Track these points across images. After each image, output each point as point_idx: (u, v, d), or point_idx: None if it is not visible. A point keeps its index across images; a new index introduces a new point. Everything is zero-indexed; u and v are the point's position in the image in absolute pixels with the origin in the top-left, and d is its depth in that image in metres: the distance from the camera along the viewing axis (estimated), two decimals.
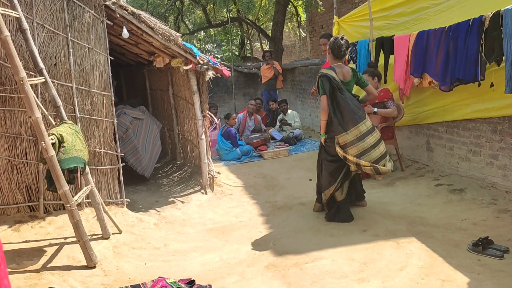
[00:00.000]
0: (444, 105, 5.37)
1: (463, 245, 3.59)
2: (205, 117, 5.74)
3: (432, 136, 5.77)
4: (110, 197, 4.79)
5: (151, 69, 7.48)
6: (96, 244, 3.93)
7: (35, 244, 3.95)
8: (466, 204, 4.52)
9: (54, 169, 3.43)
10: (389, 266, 3.38)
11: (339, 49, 4.34)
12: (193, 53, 5.28)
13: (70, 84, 4.43)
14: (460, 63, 4.66)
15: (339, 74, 4.31)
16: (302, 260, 3.58)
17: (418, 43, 5.29)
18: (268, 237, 4.16)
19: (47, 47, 4.31)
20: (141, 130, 6.23)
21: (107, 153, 4.74)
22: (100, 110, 4.66)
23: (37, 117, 3.34)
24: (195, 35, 18.51)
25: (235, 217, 4.84)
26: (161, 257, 3.84)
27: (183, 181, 6.26)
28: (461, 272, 3.18)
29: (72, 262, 3.67)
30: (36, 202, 4.45)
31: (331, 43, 4.39)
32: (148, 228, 4.51)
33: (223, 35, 18.50)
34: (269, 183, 6.02)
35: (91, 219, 4.41)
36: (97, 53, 4.59)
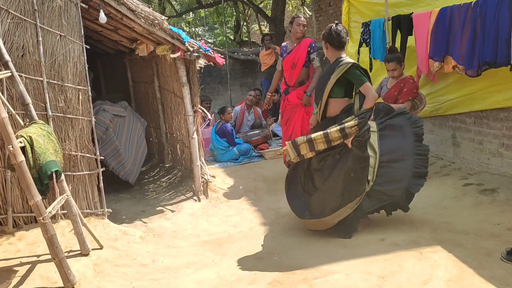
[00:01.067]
0: (471, 92, 5.38)
1: (496, 253, 3.60)
2: (196, 112, 5.75)
3: (458, 128, 5.78)
4: (89, 207, 4.80)
5: (133, 59, 7.49)
6: (74, 261, 3.95)
7: (4, 264, 3.96)
8: (499, 206, 4.53)
9: (24, 177, 3.43)
10: (411, 279, 3.39)
11: (339, 36, 4.21)
12: (181, 39, 5.28)
13: (40, 78, 4.44)
14: (489, 44, 4.66)
15: None
16: (311, 275, 3.59)
17: (440, 21, 5.30)
18: (271, 250, 4.18)
19: (12, 36, 4.31)
20: (123, 129, 6.24)
21: (85, 157, 4.75)
22: (76, 107, 4.67)
23: (2, 117, 3.35)
24: (183, 17, 18.54)
25: (233, 227, 4.85)
26: (149, 275, 3.86)
27: (173, 187, 6.28)
28: (494, 284, 3.19)
29: (46, 283, 3.68)
30: (3, 215, 4.46)
31: (326, 33, 4.27)
32: (133, 242, 4.52)
33: (216, 17, 18.51)
34: (271, 187, 6.03)
35: (67, 233, 4.43)
36: (70, 41, 4.59)
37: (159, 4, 16.97)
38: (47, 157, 3.68)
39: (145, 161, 6.89)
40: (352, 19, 7.50)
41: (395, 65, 5.50)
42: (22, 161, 3.43)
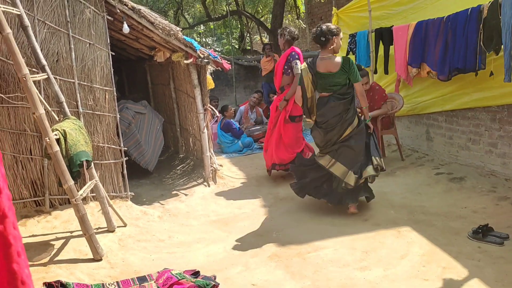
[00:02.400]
0: (443, 94, 5.35)
1: (463, 232, 3.59)
2: (206, 110, 5.73)
3: (431, 125, 5.76)
4: (115, 191, 4.80)
5: (152, 64, 7.46)
6: (101, 237, 3.95)
7: (42, 238, 3.97)
8: (466, 192, 4.52)
9: (59, 164, 3.43)
10: (390, 254, 3.39)
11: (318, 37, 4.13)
12: (194, 47, 5.25)
13: (72, 80, 4.42)
14: (459, 53, 4.63)
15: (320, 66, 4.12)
16: (304, 250, 3.59)
17: (417, 33, 5.26)
18: (270, 228, 4.17)
19: (48, 44, 4.29)
20: (143, 124, 6.22)
21: (111, 148, 4.74)
22: (103, 105, 4.65)
23: (40, 113, 3.34)
24: (195, 29, 18.45)
25: (237, 208, 4.85)
26: (165, 249, 3.86)
27: (186, 174, 6.27)
28: (462, 259, 3.19)
29: (78, 255, 3.69)
30: (41, 197, 4.46)
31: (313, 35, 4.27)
32: (152, 220, 4.52)
33: (223, 29, 18.44)
34: (271, 175, 6.01)
35: (96, 213, 4.42)
36: (98, 49, 4.56)
37: (174, 17, 16.89)
38: (77, 148, 3.67)
39: (162, 152, 6.87)
40: None
41: (367, 79, 5.67)
42: (57, 151, 3.42)
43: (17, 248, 0.73)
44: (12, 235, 0.73)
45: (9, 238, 0.72)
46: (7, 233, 0.72)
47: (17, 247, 0.73)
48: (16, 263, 0.73)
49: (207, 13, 15.25)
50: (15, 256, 0.73)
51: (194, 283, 2.98)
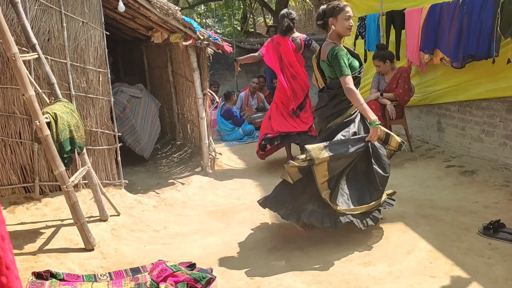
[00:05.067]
0: (457, 84, 5.33)
1: (473, 228, 3.61)
2: (205, 95, 5.73)
3: (443, 115, 5.75)
4: (108, 179, 4.82)
5: (149, 45, 7.43)
6: (94, 226, 3.98)
7: (31, 226, 4.00)
8: (478, 186, 4.53)
9: (49, 149, 3.44)
10: (396, 249, 3.41)
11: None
12: (193, 28, 5.23)
13: (64, 61, 4.42)
14: (473, 38, 4.61)
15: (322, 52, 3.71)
16: (305, 244, 3.61)
17: (431, 17, 5.23)
18: (270, 220, 4.19)
19: (39, 21, 4.27)
20: (139, 109, 6.23)
21: (104, 133, 4.75)
22: (96, 88, 4.65)
23: (30, 94, 3.34)
24: (195, 9, 18.33)
25: (237, 199, 4.87)
26: (160, 240, 3.89)
27: (183, 162, 6.29)
28: (471, 256, 3.20)
29: (69, 244, 3.72)
30: (31, 183, 4.49)
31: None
32: (147, 210, 4.55)
33: (225, 9, 18.31)
34: (272, 165, 6.03)
35: (88, 200, 4.45)
36: (92, 28, 4.55)
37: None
38: (69, 133, 3.68)
39: (158, 138, 6.88)
40: None
41: (378, 62, 5.61)
42: (47, 135, 3.43)
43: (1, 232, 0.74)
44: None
45: None
46: None
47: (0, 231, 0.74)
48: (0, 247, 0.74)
49: None
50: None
51: (189, 275, 3.01)
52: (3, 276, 0.74)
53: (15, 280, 0.76)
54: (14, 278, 0.76)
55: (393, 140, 3.73)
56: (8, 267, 0.75)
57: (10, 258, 0.76)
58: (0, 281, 0.73)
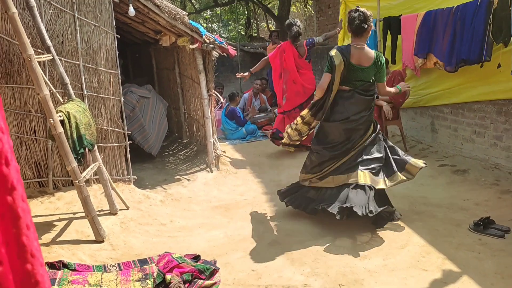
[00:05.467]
0: (450, 87, 5.33)
1: (464, 224, 3.61)
2: (211, 96, 5.73)
3: (437, 117, 5.75)
4: (118, 174, 4.84)
5: (157, 48, 7.44)
6: (104, 219, 3.99)
7: (45, 219, 4.02)
8: (469, 185, 4.53)
9: (63, 146, 3.45)
10: (390, 244, 3.41)
11: (351, 24, 3.65)
12: (199, 32, 5.24)
13: (77, 62, 4.43)
14: (466, 43, 4.60)
15: (354, 56, 3.64)
16: (305, 238, 3.62)
17: (425, 22, 5.22)
18: (272, 215, 4.20)
19: (54, 25, 4.29)
20: (147, 108, 6.23)
21: (114, 131, 4.76)
22: (107, 88, 4.66)
23: (45, 94, 3.35)
24: (201, 14, 18.33)
25: (240, 195, 4.88)
26: (167, 233, 3.90)
27: (189, 160, 6.30)
28: (462, 251, 3.21)
29: (81, 236, 3.74)
30: (45, 178, 4.51)
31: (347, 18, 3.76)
32: (154, 204, 4.56)
33: (230, 14, 18.31)
34: (273, 163, 6.04)
35: (99, 195, 4.47)
36: (103, 31, 4.56)
37: (181, 1, 16.79)
38: (81, 131, 3.69)
39: (165, 137, 6.89)
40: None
41: None
42: (61, 132, 3.44)
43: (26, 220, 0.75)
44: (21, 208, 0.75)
45: (18, 210, 0.74)
46: (16, 205, 0.74)
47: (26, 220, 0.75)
48: (25, 236, 0.75)
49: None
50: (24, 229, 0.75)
51: (194, 267, 3.02)
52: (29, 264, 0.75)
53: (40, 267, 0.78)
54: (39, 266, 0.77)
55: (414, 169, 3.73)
56: (33, 255, 0.76)
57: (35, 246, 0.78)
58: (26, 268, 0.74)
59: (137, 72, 9.14)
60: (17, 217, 0.74)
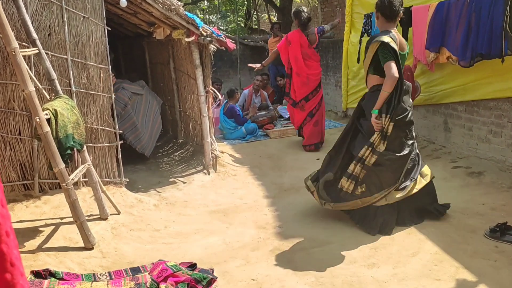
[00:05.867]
0: (464, 83, 5.31)
1: (480, 231, 3.60)
2: (208, 93, 5.73)
3: (450, 115, 5.73)
4: (108, 177, 4.83)
5: (151, 41, 7.44)
6: (93, 224, 3.99)
7: (30, 224, 4.01)
8: (485, 188, 4.52)
9: (49, 146, 3.45)
10: (400, 251, 3.41)
11: (391, 6, 3.60)
12: (196, 24, 5.23)
13: (65, 56, 4.42)
14: (483, 37, 4.59)
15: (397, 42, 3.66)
16: (308, 245, 3.62)
17: (438, 14, 5.21)
18: (273, 220, 4.20)
19: (40, 16, 4.28)
20: (140, 106, 6.23)
21: (105, 130, 4.76)
22: (97, 84, 4.66)
23: (30, 90, 3.35)
24: (198, 5, 18.32)
25: (239, 199, 4.88)
26: (161, 240, 3.90)
27: (185, 161, 6.30)
28: (477, 259, 3.20)
29: (69, 243, 3.73)
30: (31, 181, 4.51)
31: (379, 2, 3.70)
32: (147, 209, 4.56)
33: (228, 5, 18.30)
34: (275, 164, 6.04)
35: (88, 199, 4.46)
36: (93, 23, 4.56)
37: None
38: (69, 130, 3.69)
39: (160, 136, 6.89)
40: (355, 10, 7.41)
41: None
42: (47, 131, 3.44)
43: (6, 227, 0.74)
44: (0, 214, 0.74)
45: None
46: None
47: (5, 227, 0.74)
48: (4, 243, 0.74)
49: None
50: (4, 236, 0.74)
51: (190, 276, 3.01)
52: (8, 273, 0.74)
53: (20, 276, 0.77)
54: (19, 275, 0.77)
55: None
56: (13, 264, 0.76)
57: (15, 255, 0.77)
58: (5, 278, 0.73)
59: (129, 67, 9.14)
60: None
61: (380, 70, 3.71)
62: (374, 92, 3.80)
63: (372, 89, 3.85)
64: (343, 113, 8.58)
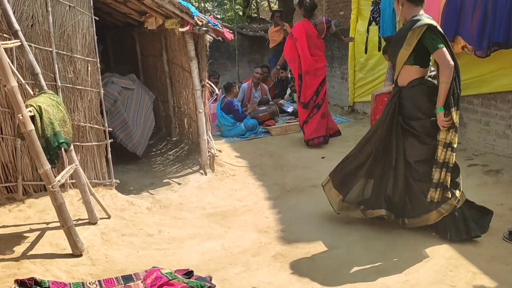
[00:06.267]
0: (480, 75, 5.31)
1: (498, 233, 3.60)
2: (204, 87, 5.72)
3: (465, 109, 5.73)
4: (97, 178, 4.82)
5: (142, 32, 7.42)
6: (82, 229, 3.98)
7: (14, 230, 4.00)
8: (503, 187, 4.52)
9: (33, 146, 3.44)
10: (412, 256, 3.40)
11: None
12: (190, 13, 5.22)
13: (49, 48, 4.41)
14: (500, 25, 4.58)
15: None
16: (314, 250, 3.62)
17: (452, 1, 5.20)
18: (275, 224, 4.20)
19: (22, 6, 4.26)
20: (131, 101, 6.22)
21: (93, 128, 4.75)
22: (84, 79, 4.65)
23: (12, 86, 3.33)
24: None
25: (238, 200, 4.87)
26: (155, 245, 3.89)
27: (180, 160, 6.29)
28: (495, 264, 3.20)
29: (55, 249, 3.72)
30: (14, 183, 4.50)
31: None
32: (140, 212, 4.55)
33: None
34: (277, 163, 6.03)
35: (76, 202, 4.46)
36: (79, 13, 4.54)
37: None
38: (55, 128, 3.68)
39: (152, 134, 6.89)
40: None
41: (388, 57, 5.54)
42: (31, 130, 3.42)
43: None
44: None
45: None
46: None
47: None
48: None
49: None
50: None
51: (186, 284, 3.01)
52: None
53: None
54: None
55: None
56: None
57: None
58: None
59: (119, 59, 9.13)
60: None
61: (423, 60, 3.59)
62: (416, 87, 3.63)
63: (412, 83, 3.64)
64: (349, 108, 8.58)
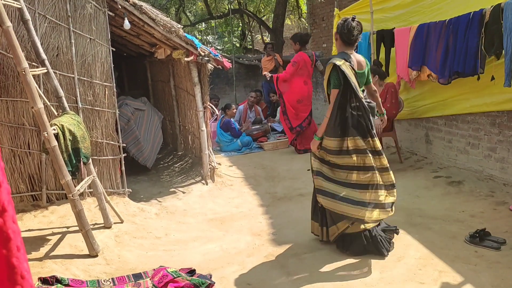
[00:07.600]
0: (443, 99, 5.36)
1: (460, 236, 3.60)
2: (206, 108, 5.73)
3: (431, 128, 5.77)
4: (112, 187, 4.80)
5: (152, 61, 7.46)
6: (98, 233, 3.95)
7: (38, 233, 3.97)
8: (464, 196, 4.53)
9: (56, 159, 3.43)
10: (387, 257, 3.39)
11: (349, 34, 3.41)
12: (194, 45, 5.25)
13: (72, 75, 4.42)
14: (459, 56, 4.64)
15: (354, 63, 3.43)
16: (301, 251, 3.60)
17: (418, 35, 5.27)
18: (268, 228, 4.18)
19: (49, 38, 4.28)
20: (142, 121, 6.22)
21: (109, 144, 4.74)
22: (102, 101, 4.65)
23: (39, 107, 3.34)
24: (196, 26, 18.42)
25: (235, 207, 4.85)
26: (162, 247, 3.86)
27: (184, 172, 6.27)
28: (458, 263, 3.19)
29: (74, 250, 3.69)
30: (38, 192, 4.46)
31: (340, 25, 3.46)
32: (149, 218, 4.52)
33: (224, 27, 18.43)
34: (269, 174, 6.03)
35: (93, 208, 4.42)
36: (99, 44, 4.56)
37: (176, 14, 16.87)
38: (76, 144, 3.67)
39: (160, 149, 6.87)
40: None
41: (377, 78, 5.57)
42: (55, 145, 3.42)
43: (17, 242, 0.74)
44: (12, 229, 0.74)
45: (8, 232, 0.73)
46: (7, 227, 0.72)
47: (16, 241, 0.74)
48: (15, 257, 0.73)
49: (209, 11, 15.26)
50: (15, 250, 0.74)
51: (189, 281, 2.98)
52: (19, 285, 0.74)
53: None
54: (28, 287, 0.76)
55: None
56: (23, 277, 0.75)
57: (25, 268, 0.76)
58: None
59: (132, 84, 9.14)
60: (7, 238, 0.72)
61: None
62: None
63: None
64: None
